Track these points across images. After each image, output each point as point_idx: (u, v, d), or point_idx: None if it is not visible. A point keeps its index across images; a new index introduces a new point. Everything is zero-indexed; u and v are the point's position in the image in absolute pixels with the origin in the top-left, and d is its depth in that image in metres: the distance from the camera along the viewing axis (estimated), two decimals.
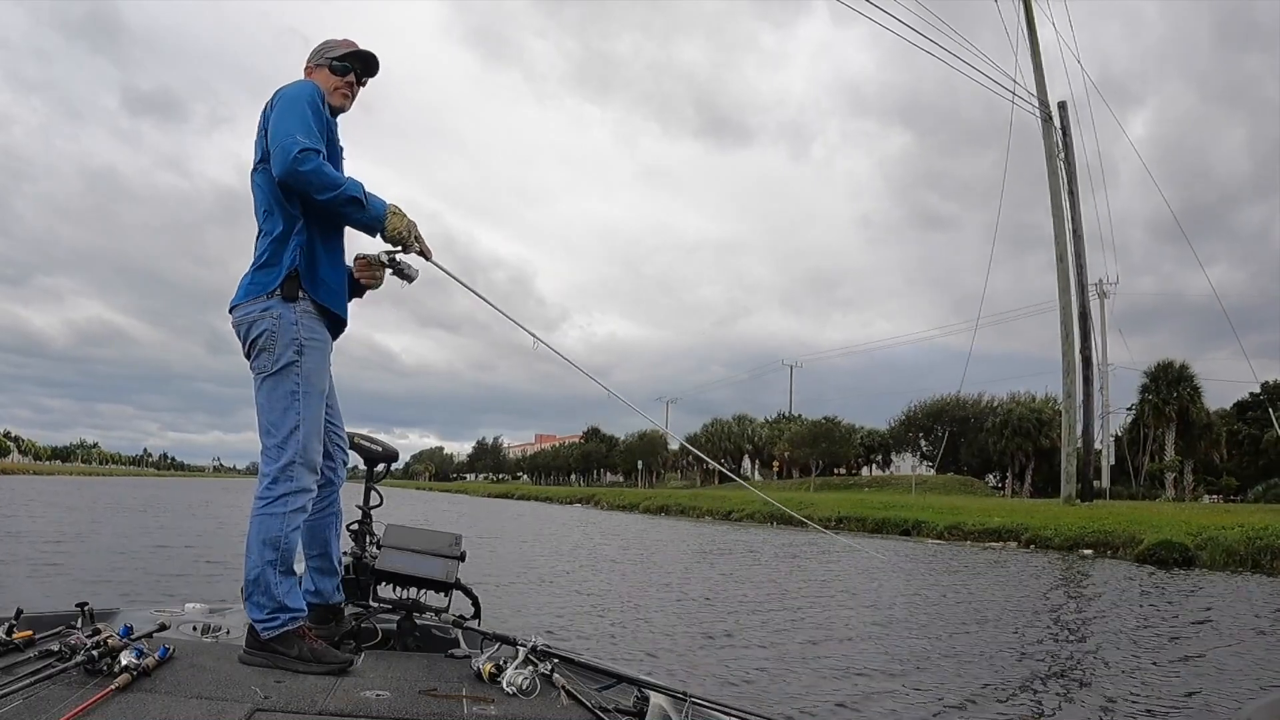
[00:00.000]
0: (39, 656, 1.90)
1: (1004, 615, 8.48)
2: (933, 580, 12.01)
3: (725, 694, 4.49)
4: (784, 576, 11.87)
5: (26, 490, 36.84)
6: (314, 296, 2.37)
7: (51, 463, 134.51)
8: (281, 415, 2.30)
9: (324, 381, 2.40)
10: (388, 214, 2.37)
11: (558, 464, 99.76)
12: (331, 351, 2.46)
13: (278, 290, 2.33)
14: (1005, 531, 20.64)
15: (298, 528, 2.30)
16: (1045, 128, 30.19)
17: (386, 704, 1.92)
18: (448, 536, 2.77)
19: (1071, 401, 29.52)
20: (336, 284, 2.46)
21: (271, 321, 2.31)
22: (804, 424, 66.12)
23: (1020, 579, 12.52)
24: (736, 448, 72.74)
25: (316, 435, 2.35)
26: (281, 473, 2.28)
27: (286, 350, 2.30)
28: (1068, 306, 29.55)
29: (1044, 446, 47.85)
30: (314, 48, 2.61)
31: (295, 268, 2.34)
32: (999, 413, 51.66)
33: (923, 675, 5.54)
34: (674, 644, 6.37)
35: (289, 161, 2.25)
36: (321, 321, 2.39)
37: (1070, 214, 29.65)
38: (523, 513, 37.24)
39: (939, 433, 56.11)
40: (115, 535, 14.89)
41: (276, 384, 2.32)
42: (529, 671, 2.09)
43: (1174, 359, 45.30)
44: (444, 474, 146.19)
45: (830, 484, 55.91)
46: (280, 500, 2.27)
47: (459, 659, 2.34)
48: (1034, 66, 30.56)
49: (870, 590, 10.52)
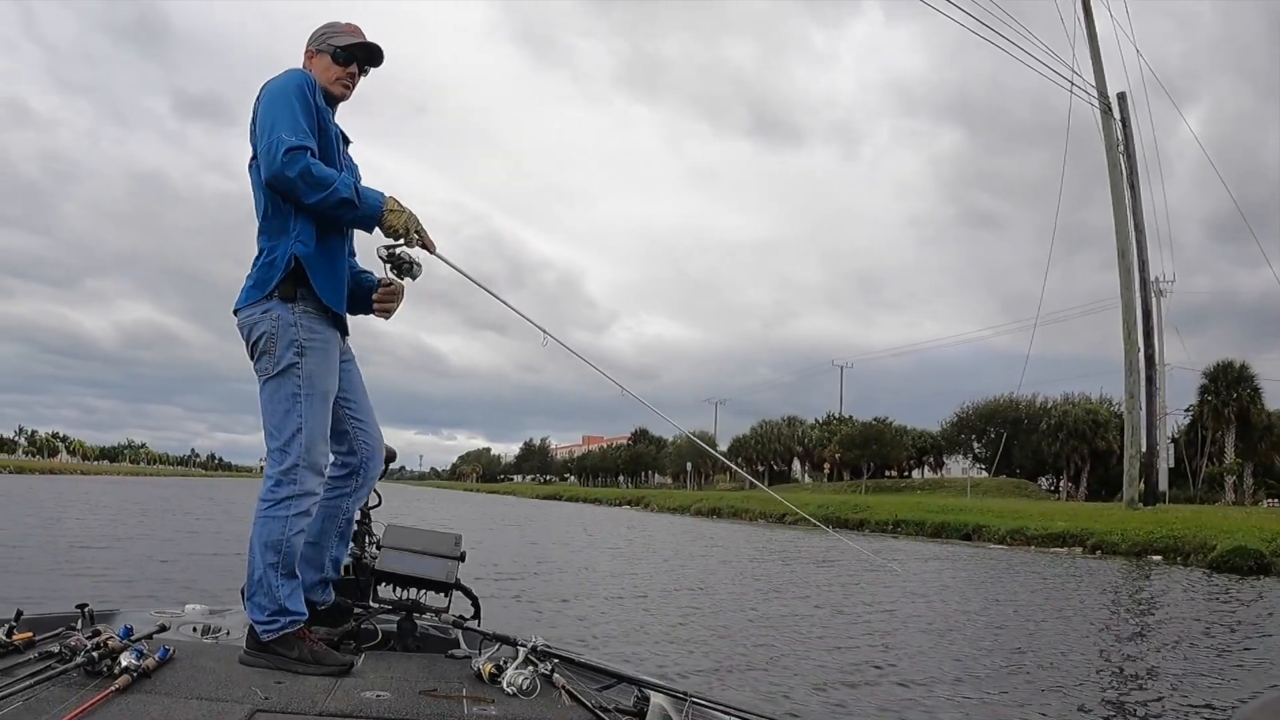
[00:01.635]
0: (39, 658, 1.90)
1: (1094, 630, 8.10)
2: (1009, 589, 11.64)
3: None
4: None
5: (72, 490, 37.48)
6: (315, 295, 2.31)
7: (99, 463, 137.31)
8: (284, 418, 2.26)
9: (329, 382, 2.33)
10: (384, 210, 2.29)
11: (605, 466, 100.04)
12: (339, 350, 2.40)
13: (275, 291, 2.27)
14: (1069, 536, 20.07)
15: (301, 531, 2.27)
16: (1104, 119, 29.19)
17: (386, 704, 1.91)
18: (448, 537, 2.75)
19: (1134, 402, 28.43)
20: (338, 281, 2.38)
21: (271, 323, 2.26)
22: (855, 426, 65.11)
23: (1095, 589, 12.08)
24: (786, 449, 71.98)
25: (321, 438, 2.31)
26: (285, 476, 2.25)
27: (287, 352, 2.25)
28: (1130, 304, 28.49)
29: (1100, 449, 46.52)
30: (316, 29, 2.48)
31: (293, 267, 2.27)
32: (1053, 414, 50.17)
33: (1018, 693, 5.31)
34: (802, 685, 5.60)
35: (275, 163, 2.17)
36: (325, 320, 2.33)
37: (1132, 208, 28.64)
38: (570, 515, 37.35)
39: (992, 434, 54.72)
40: (137, 537, 14.96)
41: (278, 386, 2.27)
42: (529, 672, 2.06)
43: (1233, 359, 43.62)
44: (491, 475, 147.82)
45: (881, 486, 54.98)
46: (283, 504, 2.24)
47: (459, 659, 2.32)
48: (1091, 56, 29.58)
49: (938, 600, 10.23)
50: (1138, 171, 28.72)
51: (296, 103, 2.25)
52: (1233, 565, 14.73)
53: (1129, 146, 28.90)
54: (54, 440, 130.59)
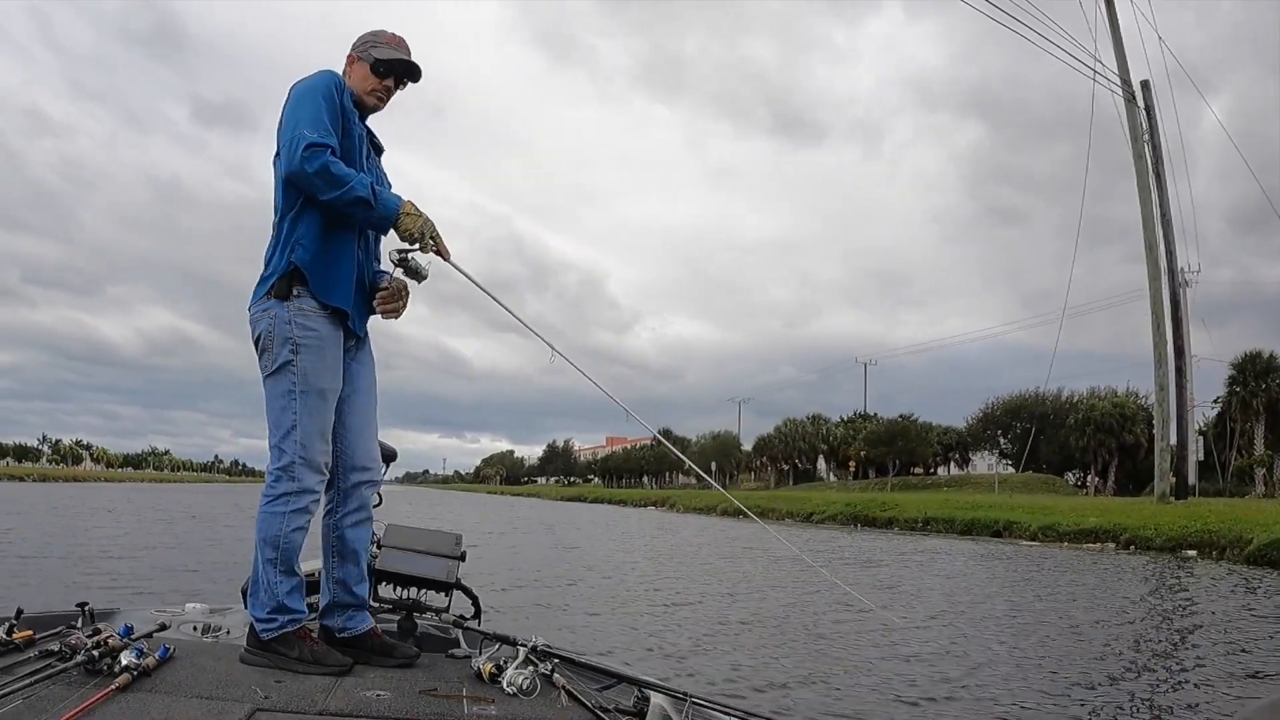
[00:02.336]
0: (39, 656, 1.91)
1: (1150, 628, 7.86)
2: (1047, 586, 11.36)
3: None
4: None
5: (96, 497, 37.50)
6: (316, 294, 2.31)
7: (123, 470, 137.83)
8: (280, 414, 2.28)
9: (325, 380, 2.31)
10: (400, 213, 2.30)
11: (629, 466, 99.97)
12: (342, 350, 2.38)
13: (273, 290, 2.30)
14: (1102, 532, 19.68)
15: (299, 528, 2.27)
16: (1128, 108, 28.71)
17: (386, 704, 1.90)
18: (448, 536, 2.75)
19: (1164, 394, 27.92)
20: (342, 281, 2.38)
21: (269, 321, 2.29)
22: (880, 423, 64.59)
23: (1136, 585, 11.78)
24: (811, 448, 71.56)
25: (319, 435, 2.30)
26: (283, 472, 2.26)
27: (282, 349, 2.27)
28: (1158, 295, 27.96)
29: (1127, 443, 45.86)
30: (361, 35, 2.50)
31: (292, 265, 2.29)
32: (1080, 409, 49.46)
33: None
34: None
35: (295, 159, 2.20)
36: (325, 318, 2.32)
37: (1158, 198, 28.12)
38: (598, 517, 37.18)
39: (1017, 430, 54.02)
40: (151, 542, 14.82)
41: (275, 383, 2.29)
42: (529, 671, 2.06)
43: (1261, 349, 42.73)
44: (514, 477, 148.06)
45: (907, 483, 54.49)
46: (281, 499, 2.25)
47: (459, 659, 2.32)
48: (1114, 44, 29.11)
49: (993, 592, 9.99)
50: (1163, 161, 28.19)
51: (323, 101, 2.29)
52: (1270, 559, 14.38)
53: (1154, 135, 28.38)
54: (78, 448, 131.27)
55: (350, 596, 2.41)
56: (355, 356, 2.49)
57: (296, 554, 2.27)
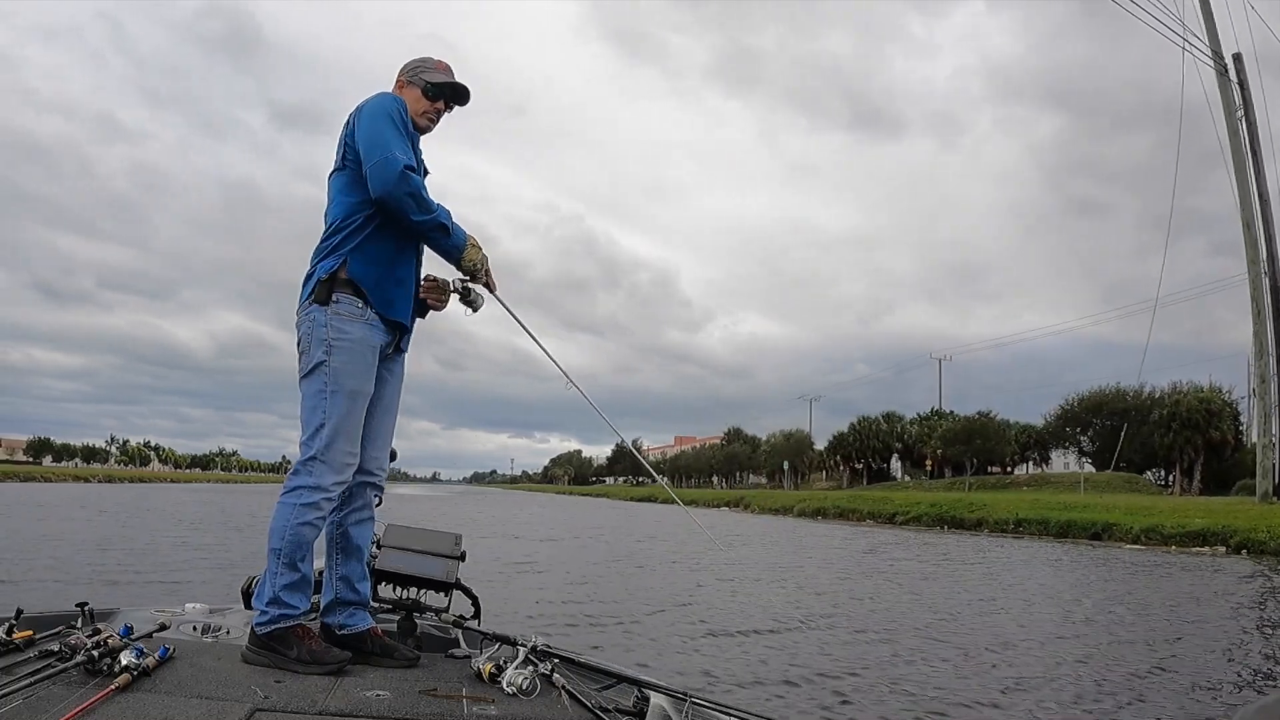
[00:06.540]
0: (39, 656, 1.93)
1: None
2: (1170, 596, 10.60)
3: None
4: None
5: (152, 498, 38.33)
6: (364, 301, 2.38)
7: (190, 470, 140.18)
8: (310, 412, 2.35)
9: (357, 382, 2.36)
10: (467, 245, 2.44)
11: (699, 466, 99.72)
12: (376, 355, 2.42)
13: (313, 295, 2.39)
14: (1210, 535, 18.67)
15: (307, 523, 2.29)
16: (1220, 80, 27.08)
17: (386, 704, 1.89)
18: (448, 536, 2.75)
19: (1266, 386, 26.22)
20: (405, 296, 2.48)
21: (308, 324, 2.38)
22: (956, 420, 62.64)
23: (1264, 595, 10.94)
24: (885, 446, 69.96)
25: (345, 436, 2.34)
26: (304, 466, 2.32)
27: (317, 351, 2.35)
28: (1257, 280, 26.26)
29: (1214, 439, 43.32)
30: (408, 62, 2.61)
31: (332, 273, 2.37)
32: (1165, 404, 46.86)
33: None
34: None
35: (393, 180, 2.27)
36: (361, 323, 2.38)
37: (1255, 176, 26.40)
38: (676, 517, 32.67)
39: (1098, 426, 51.53)
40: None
41: (309, 383, 2.37)
42: (529, 671, 2.05)
43: None
44: (583, 478, 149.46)
45: (985, 483, 52.57)
46: (294, 493, 2.30)
47: (459, 659, 2.32)
48: (1204, 18, 27.53)
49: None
50: (1259, 137, 26.47)
51: (400, 125, 2.40)
52: None
53: (1249, 112, 26.70)
54: (145, 449, 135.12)
55: (353, 593, 2.45)
56: (389, 368, 2.55)
57: (302, 549, 2.28)
